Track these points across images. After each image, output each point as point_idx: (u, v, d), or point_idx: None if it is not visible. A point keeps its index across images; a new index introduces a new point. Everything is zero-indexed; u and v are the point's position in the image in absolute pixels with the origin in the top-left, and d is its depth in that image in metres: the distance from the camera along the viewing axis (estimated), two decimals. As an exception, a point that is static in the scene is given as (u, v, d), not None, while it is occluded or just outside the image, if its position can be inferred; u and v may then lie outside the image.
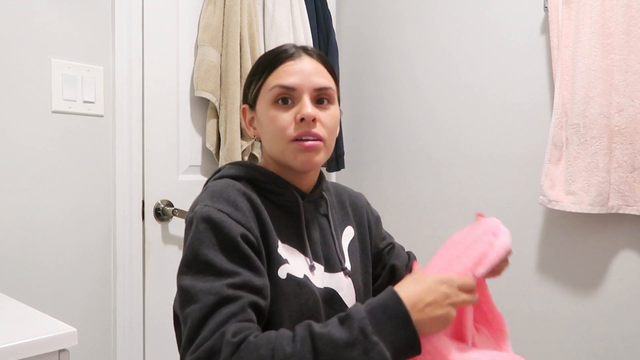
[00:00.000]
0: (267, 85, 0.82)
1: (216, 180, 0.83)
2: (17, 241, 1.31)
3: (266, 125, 0.82)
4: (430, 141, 1.89)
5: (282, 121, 0.80)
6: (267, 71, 0.82)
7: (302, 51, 0.83)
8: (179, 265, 0.73)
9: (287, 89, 0.80)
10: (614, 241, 1.48)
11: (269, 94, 0.81)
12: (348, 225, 0.95)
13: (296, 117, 0.79)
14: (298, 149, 0.79)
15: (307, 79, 0.81)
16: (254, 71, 0.86)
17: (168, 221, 1.60)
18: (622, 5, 1.38)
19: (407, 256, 1.06)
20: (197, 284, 0.69)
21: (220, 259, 0.70)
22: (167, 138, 1.61)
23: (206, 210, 0.73)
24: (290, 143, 0.80)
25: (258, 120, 0.85)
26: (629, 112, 1.37)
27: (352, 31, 2.15)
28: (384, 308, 0.64)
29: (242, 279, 0.69)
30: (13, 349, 0.79)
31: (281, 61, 0.82)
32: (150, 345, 1.55)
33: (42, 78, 1.35)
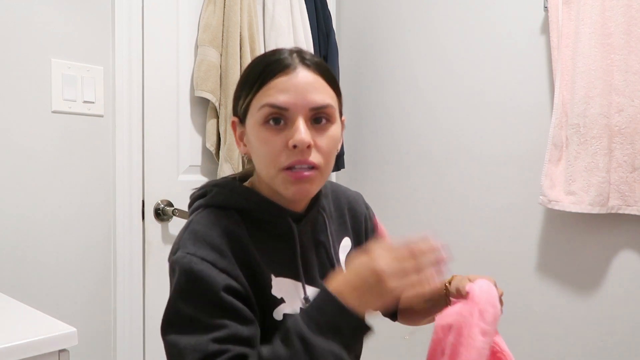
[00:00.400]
0: (257, 101, 0.72)
1: (200, 211, 0.76)
2: (17, 241, 1.31)
3: (256, 147, 0.73)
4: (431, 141, 1.89)
5: (273, 146, 0.70)
6: (258, 85, 0.72)
7: (298, 61, 0.72)
8: (162, 318, 0.69)
9: (278, 108, 0.70)
10: (614, 241, 1.48)
11: (259, 113, 0.71)
12: (345, 237, 0.89)
13: (288, 143, 0.69)
14: (289, 180, 0.70)
15: (302, 97, 0.70)
16: (244, 82, 0.75)
17: (168, 221, 1.60)
18: (622, 5, 1.38)
19: None
20: (182, 341, 0.65)
21: (204, 313, 0.66)
22: (167, 138, 1.61)
23: (188, 260, 0.68)
24: (281, 172, 0.70)
25: (247, 138, 0.76)
26: (629, 112, 1.37)
27: (352, 31, 2.15)
28: (316, 305, 0.63)
29: (228, 332, 0.65)
30: (13, 349, 0.79)
31: (273, 74, 0.71)
32: (150, 345, 1.55)
33: (42, 78, 1.35)
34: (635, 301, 1.45)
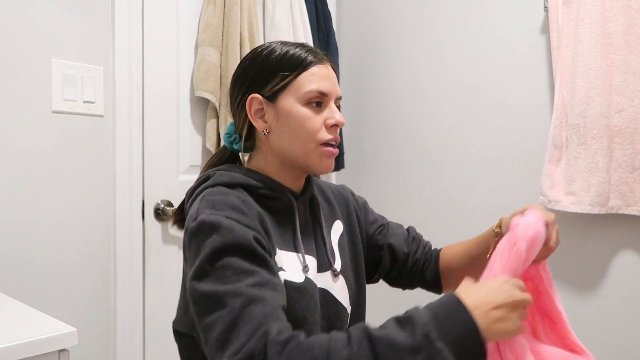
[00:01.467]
0: (301, 84, 0.81)
1: (209, 188, 0.80)
2: (17, 241, 1.31)
3: (294, 123, 0.81)
4: (430, 141, 1.89)
5: (314, 123, 0.81)
6: (300, 70, 0.82)
7: (325, 57, 0.86)
8: (192, 274, 0.69)
9: (322, 94, 0.82)
10: (614, 241, 1.48)
11: (305, 94, 0.81)
12: (336, 220, 0.95)
13: (327, 122, 0.82)
14: (325, 154, 0.82)
15: (334, 87, 0.84)
16: (279, 65, 0.83)
17: (168, 221, 1.60)
18: (622, 5, 1.38)
19: (407, 232, 1.05)
20: (219, 288, 0.66)
21: (238, 261, 0.68)
22: (167, 138, 1.61)
23: (214, 217, 0.71)
24: (319, 146, 0.81)
25: (278, 115, 0.82)
26: (629, 112, 1.37)
27: (352, 31, 2.15)
28: (447, 313, 0.60)
29: (263, 279, 0.68)
30: (13, 349, 0.79)
31: (314, 63, 0.83)
32: (150, 345, 1.55)
33: (42, 78, 1.35)
34: (635, 301, 1.45)
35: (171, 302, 1.60)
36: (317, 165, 0.83)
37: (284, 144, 0.83)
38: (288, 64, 0.82)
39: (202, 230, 0.71)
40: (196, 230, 0.71)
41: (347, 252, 0.93)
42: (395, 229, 1.04)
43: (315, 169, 0.83)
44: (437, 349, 0.57)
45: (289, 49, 0.84)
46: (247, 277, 0.67)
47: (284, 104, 0.82)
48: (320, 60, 0.84)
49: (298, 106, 0.81)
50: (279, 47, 0.85)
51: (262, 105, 0.84)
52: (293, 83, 0.82)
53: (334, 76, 0.85)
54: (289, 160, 0.84)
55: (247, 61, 0.87)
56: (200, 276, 0.68)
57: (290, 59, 0.83)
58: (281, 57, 0.83)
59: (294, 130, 0.81)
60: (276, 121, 0.83)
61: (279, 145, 0.83)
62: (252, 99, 0.84)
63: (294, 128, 0.81)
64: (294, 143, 0.82)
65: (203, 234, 0.70)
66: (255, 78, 0.84)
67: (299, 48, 0.84)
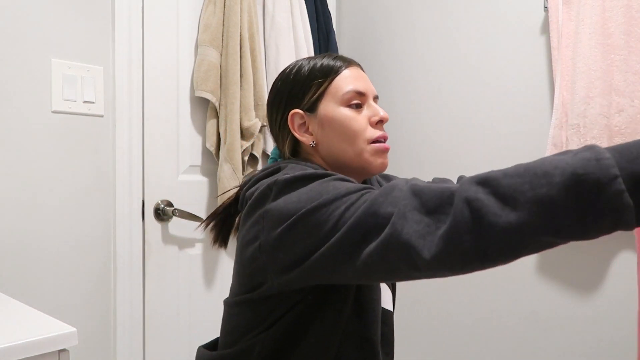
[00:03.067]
0: (337, 87, 0.83)
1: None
2: (17, 241, 1.31)
3: (339, 126, 0.82)
4: (429, 141, 1.89)
5: (360, 123, 0.82)
6: (333, 74, 0.83)
7: (352, 60, 0.87)
8: (300, 206, 0.66)
9: (360, 94, 0.83)
10: (614, 241, 1.48)
11: (343, 96, 0.82)
12: None
13: (371, 120, 0.82)
14: (378, 151, 0.82)
15: (369, 85, 0.85)
16: (312, 75, 0.84)
17: (168, 221, 1.60)
18: (622, 5, 1.38)
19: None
20: (351, 190, 0.65)
21: (347, 183, 0.67)
22: (167, 138, 1.61)
23: (317, 168, 0.72)
24: (369, 145, 0.81)
25: (322, 123, 0.83)
26: (629, 112, 1.37)
27: (352, 31, 2.15)
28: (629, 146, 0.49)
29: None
30: (13, 349, 0.79)
31: (345, 66, 0.84)
32: (150, 345, 1.55)
33: (42, 78, 1.35)
34: (635, 301, 1.45)
35: (171, 302, 1.60)
36: (372, 164, 0.82)
37: (335, 150, 0.83)
38: (320, 72, 0.84)
39: (304, 178, 0.69)
40: (296, 178, 0.69)
41: None
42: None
43: (371, 168, 0.82)
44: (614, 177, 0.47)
45: (316, 61, 0.86)
46: (359, 190, 0.66)
47: (325, 111, 0.83)
48: (349, 64, 0.85)
49: (339, 109, 0.82)
50: (305, 62, 0.86)
51: (304, 119, 0.84)
52: (329, 88, 0.83)
53: (366, 77, 0.87)
54: (343, 165, 0.83)
55: (279, 82, 0.88)
56: (318, 197, 0.65)
57: (321, 68, 0.84)
58: (311, 69, 0.85)
59: (341, 133, 0.82)
60: (321, 130, 0.83)
61: (330, 152, 0.83)
62: (292, 115, 0.85)
63: (340, 131, 0.82)
64: (344, 146, 0.82)
65: (306, 180, 0.69)
66: (291, 95, 0.85)
67: (326, 58, 0.86)
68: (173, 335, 1.61)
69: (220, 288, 1.74)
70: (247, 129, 1.65)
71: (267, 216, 0.70)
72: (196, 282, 1.68)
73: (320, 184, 0.68)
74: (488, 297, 1.73)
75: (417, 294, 1.89)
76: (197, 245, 1.69)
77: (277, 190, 0.70)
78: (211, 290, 1.72)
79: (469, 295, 1.73)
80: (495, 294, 1.72)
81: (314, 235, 0.65)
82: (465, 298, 1.77)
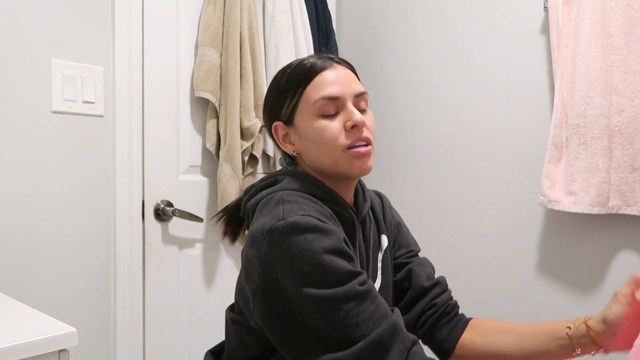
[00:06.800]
0: (308, 98, 0.81)
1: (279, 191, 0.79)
2: (17, 241, 1.31)
3: (314, 137, 0.80)
4: (430, 141, 1.89)
5: (332, 130, 0.79)
6: (305, 83, 0.81)
7: (331, 60, 0.83)
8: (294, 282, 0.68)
9: (331, 99, 0.79)
10: (614, 241, 1.48)
11: (313, 107, 0.80)
12: (382, 234, 0.93)
13: (346, 125, 0.79)
14: (353, 156, 0.79)
15: (347, 86, 0.81)
16: (286, 87, 0.83)
17: (168, 221, 1.60)
18: (622, 5, 1.38)
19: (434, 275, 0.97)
20: (327, 293, 0.66)
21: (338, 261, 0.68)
22: (167, 138, 1.61)
23: (308, 219, 0.70)
24: (344, 152, 0.79)
25: (299, 134, 0.83)
26: (629, 112, 1.37)
27: (352, 31, 2.15)
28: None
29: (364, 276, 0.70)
30: (13, 349, 0.79)
31: (317, 72, 0.81)
32: (150, 345, 1.55)
33: (42, 78, 1.35)
34: (635, 301, 1.45)
35: (171, 302, 1.60)
36: (348, 170, 0.80)
37: (314, 159, 0.82)
38: (294, 81, 0.82)
39: (295, 231, 0.69)
40: (288, 230, 0.69)
41: (388, 269, 0.91)
42: (424, 262, 0.98)
43: (350, 174, 0.81)
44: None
45: (294, 67, 0.84)
46: (353, 277, 0.68)
47: (299, 123, 0.82)
48: (324, 67, 0.82)
49: (312, 119, 0.80)
50: (287, 68, 0.85)
51: (286, 130, 0.85)
52: (302, 99, 0.81)
53: (347, 75, 0.82)
54: (325, 173, 0.83)
55: (268, 89, 0.88)
56: (306, 282, 0.67)
57: (295, 76, 0.83)
58: (287, 77, 0.83)
59: (316, 143, 0.80)
60: (299, 140, 0.83)
61: (311, 161, 0.83)
62: (275, 127, 0.86)
63: (315, 142, 0.80)
64: (321, 156, 0.81)
65: (297, 234, 0.68)
66: (272, 105, 0.86)
67: (305, 60, 0.83)
68: (173, 335, 1.60)
69: (220, 288, 1.74)
70: (247, 129, 1.65)
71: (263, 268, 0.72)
72: (196, 282, 1.68)
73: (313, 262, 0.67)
74: (488, 297, 1.73)
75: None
76: (197, 245, 1.69)
77: (269, 240, 0.70)
78: (211, 290, 1.72)
79: (468, 295, 1.73)
80: (495, 294, 1.72)
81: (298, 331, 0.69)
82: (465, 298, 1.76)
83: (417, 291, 0.93)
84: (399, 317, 0.68)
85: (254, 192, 0.83)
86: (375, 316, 0.66)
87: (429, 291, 0.93)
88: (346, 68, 0.84)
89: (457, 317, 0.93)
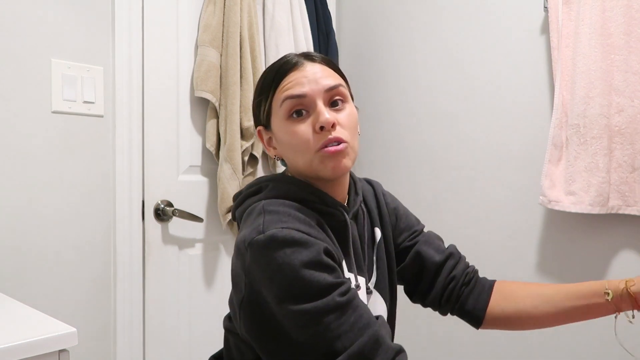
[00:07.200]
0: (277, 100, 0.79)
1: (263, 202, 0.77)
2: (17, 241, 1.31)
3: (286, 141, 0.79)
4: (430, 141, 1.89)
5: (302, 134, 0.77)
6: (274, 86, 0.80)
7: (303, 58, 0.80)
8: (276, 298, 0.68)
9: (298, 97, 0.77)
10: (614, 241, 1.48)
11: (281, 109, 0.78)
12: (375, 227, 0.92)
13: (315, 127, 0.76)
14: (325, 157, 0.76)
15: (315, 83, 0.77)
16: (260, 90, 0.83)
17: (168, 221, 1.60)
18: (622, 5, 1.38)
19: (444, 246, 0.96)
20: (307, 307, 0.66)
21: (318, 274, 0.67)
22: (167, 138, 1.61)
23: (287, 232, 0.68)
24: (316, 154, 0.76)
25: (276, 139, 0.82)
26: (629, 112, 1.37)
27: (352, 31, 2.15)
28: None
29: (346, 286, 0.69)
30: (13, 349, 0.79)
31: (285, 73, 0.79)
32: (150, 345, 1.55)
33: (42, 78, 1.35)
34: (635, 301, 1.45)
35: (171, 302, 1.60)
36: (323, 172, 0.78)
37: (292, 162, 0.82)
38: (265, 85, 0.81)
39: (273, 245, 0.68)
40: (266, 244, 0.68)
41: (384, 262, 0.90)
42: (431, 238, 0.96)
43: (324, 175, 0.78)
44: None
45: (268, 70, 0.82)
46: (333, 289, 0.67)
47: (274, 127, 0.81)
48: (293, 66, 0.79)
49: (283, 123, 0.79)
50: (266, 70, 0.83)
51: (268, 134, 0.84)
52: (273, 103, 0.80)
53: (319, 71, 0.78)
54: (304, 174, 0.82)
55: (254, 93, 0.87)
56: (286, 297, 0.67)
57: (266, 80, 0.82)
58: (263, 80, 0.83)
59: (289, 147, 0.79)
60: (279, 145, 0.82)
61: (290, 164, 0.83)
62: (259, 131, 0.86)
63: (288, 146, 0.79)
64: (296, 160, 0.80)
65: (275, 248, 0.68)
66: (254, 110, 0.86)
67: (278, 61, 0.81)
68: (173, 336, 1.60)
69: (220, 288, 1.74)
70: (247, 129, 1.65)
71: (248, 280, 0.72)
72: (196, 282, 1.68)
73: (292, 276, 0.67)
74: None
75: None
76: (197, 245, 1.69)
77: (251, 253, 0.70)
78: (211, 290, 1.72)
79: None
80: (495, 294, 1.72)
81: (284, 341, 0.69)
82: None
83: (432, 270, 0.93)
84: (382, 326, 0.68)
85: (241, 200, 0.83)
86: (356, 327, 0.65)
87: (443, 266, 0.93)
88: (320, 64, 0.80)
89: (479, 283, 0.93)
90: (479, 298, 0.90)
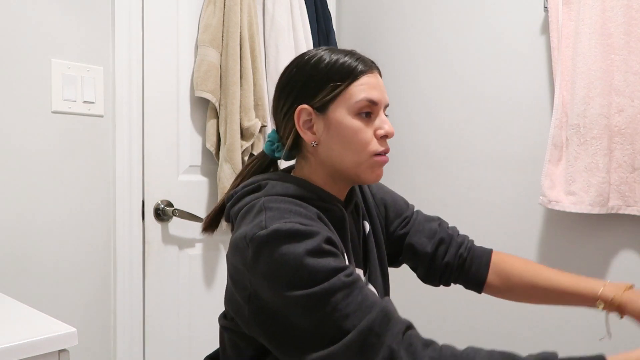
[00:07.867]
0: (351, 94, 0.79)
1: (262, 200, 0.77)
2: (17, 241, 1.31)
3: (345, 134, 0.79)
4: (430, 141, 1.89)
5: (365, 134, 0.79)
6: (351, 80, 0.80)
7: (373, 64, 0.84)
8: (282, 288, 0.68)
9: (372, 103, 0.80)
10: (614, 241, 1.48)
11: (355, 104, 0.79)
12: (364, 221, 0.93)
13: (377, 133, 0.80)
14: (377, 164, 0.81)
15: (383, 95, 0.82)
16: (329, 75, 0.80)
17: (168, 221, 1.60)
18: (622, 5, 1.38)
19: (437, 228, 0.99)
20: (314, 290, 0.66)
21: (323, 261, 0.68)
22: (167, 138, 1.61)
23: (290, 225, 0.69)
24: (372, 157, 0.80)
25: (328, 126, 0.80)
26: (629, 112, 1.37)
27: (352, 31, 2.15)
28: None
29: (350, 269, 0.70)
30: (13, 349, 0.79)
31: (364, 72, 0.81)
32: (150, 345, 1.55)
33: (42, 78, 1.35)
34: (635, 301, 1.45)
35: (171, 302, 1.60)
36: (368, 176, 0.81)
37: (335, 156, 0.81)
38: (339, 73, 0.80)
39: (278, 238, 0.68)
40: (270, 237, 0.69)
41: (374, 255, 0.92)
42: (421, 224, 0.99)
43: (367, 179, 0.82)
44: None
45: (338, 58, 0.81)
46: (338, 272, 0.68)
47: (334, 115, 0.80)
48: (369, 69, 0.82)
49: (349, 117, 0.79)
50: (327, 55, 0.82)
51: (311, 117, 0.81)
52: (344, 93, 0.80)
53: (382, 84, 0.84)
54: (338, 171, 0.82)
55: (294, 69, 0.83)
56: (292, 286, 0.67)
57: (341, 68, 0.80)
58: (331, 66, 0.80)
59: (346, 142, 0.80)
60: (326, 133, 0.81)
61: (329, 157, 0.82)
62: (300, 110, 0.81)
63: (345, 140, 0.80)
64: (345, 155, 0.80)
65: (279, 241, 0.68)
66: (304, 88, 0.81)
67: (348, 56, 0.82)
68: (173, 335, 1.61)
69: (220, 288, 1.74)
70: (247, 129, 1.65)
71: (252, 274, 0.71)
72: (196, 282, 1.68)
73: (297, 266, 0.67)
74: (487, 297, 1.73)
75: (415, 294, 1.89)
76: (197, 245, 1.69)
77: (253, 248, 0.70)
78: (211, 290, 1.72)
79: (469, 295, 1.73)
80: (495, 294, 1.72)
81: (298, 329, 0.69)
82: (464, 298, 1.76)
83: (426, 260, 0.98)
84: (389, 302, 0.68)
85: (237, 199, 0.82)
86: (364, 305, 0.66)
87: (435, 254, 0.98)
88: (380, 77, 0.85)
89: (476, 257, 0.99)
90: (477, 272, 0.98)
